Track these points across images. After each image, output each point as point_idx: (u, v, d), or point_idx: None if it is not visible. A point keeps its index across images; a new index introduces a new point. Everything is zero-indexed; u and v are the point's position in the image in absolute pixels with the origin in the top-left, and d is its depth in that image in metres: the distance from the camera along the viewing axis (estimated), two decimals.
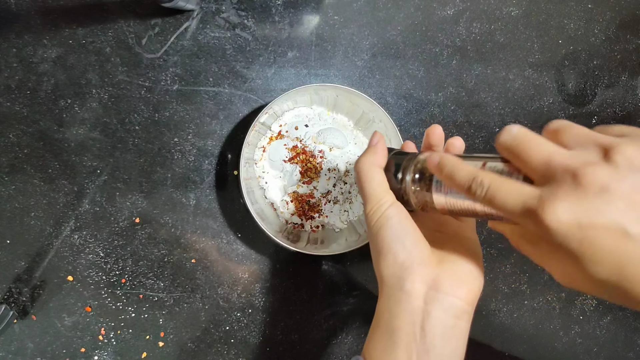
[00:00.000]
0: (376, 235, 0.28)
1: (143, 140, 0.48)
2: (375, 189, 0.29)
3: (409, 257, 0.27)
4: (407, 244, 0.27)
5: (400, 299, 0.26)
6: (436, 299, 0.26)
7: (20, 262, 0.47)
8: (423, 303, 0.26)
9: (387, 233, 0.28)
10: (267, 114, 0.46)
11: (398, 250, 0.27)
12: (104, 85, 0.48)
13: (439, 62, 0.52)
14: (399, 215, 0.28)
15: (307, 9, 0.50)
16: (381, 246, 0.28)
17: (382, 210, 0.28)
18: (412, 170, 0.29)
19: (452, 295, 0.26)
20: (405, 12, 0.52)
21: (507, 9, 0.53)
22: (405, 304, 0.26)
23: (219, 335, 0.49)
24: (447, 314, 0.26)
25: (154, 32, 0.48)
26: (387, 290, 0.27)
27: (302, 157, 0.48)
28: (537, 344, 0.53)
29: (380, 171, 0.30)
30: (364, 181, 0.30)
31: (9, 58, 0.47)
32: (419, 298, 0.26)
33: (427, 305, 0.26)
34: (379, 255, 0.28)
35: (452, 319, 0.26)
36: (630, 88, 0.55)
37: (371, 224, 0.29)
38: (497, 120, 0.53)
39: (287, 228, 0.49)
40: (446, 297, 0.26)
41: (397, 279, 0.27)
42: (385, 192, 0.29)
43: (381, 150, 0.31)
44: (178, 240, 0.49)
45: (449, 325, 0.26)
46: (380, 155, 0.31)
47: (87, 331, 0.47)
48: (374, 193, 0.29)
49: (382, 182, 0.30)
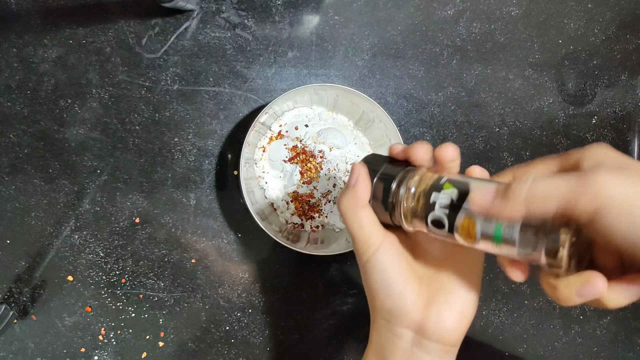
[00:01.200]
0: (364, 278, 0.29)
1: (143, 140, 0.48)
2: (360, 231, 0.28)
3: (395, 306, 0.28)
4: (393, 293, 0.28)
5: (390, 339, 0.28)
6: (421, 344, 0.27)
7: (20, 262, 0.47)
8: (410, 345, 0.28)
9: (374, 279, 0.28)
10: (267, 114, 0.46)
11: (384, 298, 0.28)
12: (104, 85, 0.48)
13: (439, 62, 0.52)
14: (384, 262, 0.28)
15: (307, 9, 0.50)
16: (369, 290, 0.29)
17: (369, 254, 0.28)
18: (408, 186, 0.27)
19: (435, 341, 0.27)
20: (405, 12, 0.52)
21: (507, 9, 0.53)
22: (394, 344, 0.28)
23: (219, 335, 0.49)
24: (431, 356, 0.28)
25: (154, 32, 0.48)
26: (379, 325, 0.29)
27: (302, 157, 0.48)
28: (537, 344, 0.53)
29: (364, 210, 0.28)
30: (347, 223, 0.29)
31: (10, 58, 0.47)
32: (406, 341, 0.28)
33: (413, 348, 0.28)
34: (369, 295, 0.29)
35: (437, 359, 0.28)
36: (630, 88, 0.55)
37: (360, 264, 0.29)
38: (497, 120, 0.53)
39: (287, 228, 0.49)
40: (430, 343, 0.27)
41: (386, 321, 0.28)
42: (371, 234, 0.28)
43: (361, 189, 0.28)
44: (178, 240, 0.49)
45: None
46: (361, 193, 0.28)
47: (87, 331, 0.47)
48: (359, 235, 0.28)
49: (367, 223, 0.28)
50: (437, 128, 0.53)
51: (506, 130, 0.53)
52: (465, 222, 0.25)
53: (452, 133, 0.53)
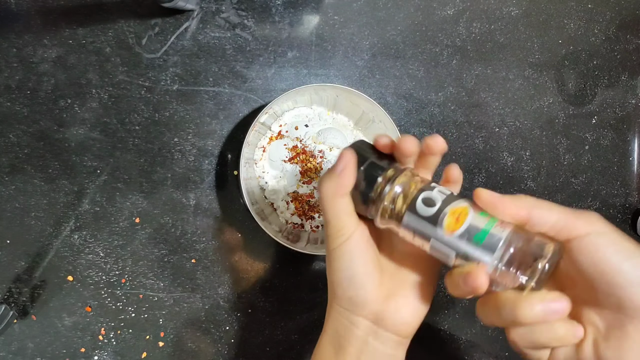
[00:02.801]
0: (330, 265, 0.29)
1: (143, 140, 0.48)
2: (335, 218, 0.28)
3: (356, 295, 0.28)
4: (356, 283, 0.28)
5: (347, 326, 0.29)
6: (377, 334, 0.29)
7: (20, 262, 0.47)
8: (366, 334, 0.29)
9: (340, 268, 0.28)
10: (267, 114, 0.46)
11: (347, 287, 0.28)
12: (104, 85, 0.48)
13: (439, 62, 0.52)
14: (352, 252, 0.28)
15: (307, 9, 0.50)
16: (334, 277, 0.29)
17: (339, 242, 0.28)
18: (392, 187, 0.27)
19: (391, 332, 0.28)
20: (405, 12, 0.52)
21: (507, 9, 0.53)
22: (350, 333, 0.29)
23: (219, 335, 0.49)
24: (385, 346, 0.29)
25: (154, 32, 0.48)
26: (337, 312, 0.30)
27: (302, 157, 0.48)
28: None
29: (343, 199, 0.28)
30: (324, 208, 0.28)
31: (9, 58, 0.47)
32: (363, 330, 0.29)
33: (368, 337, 0.29)
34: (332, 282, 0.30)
35: (390, 350, 0.29)
36: (630, 88, 0.55)
37: (329, 249, 0.29)
38: (497, 120, 0.53)
39: (287, 228, 0.49)
40: (385, 333, 0.28)
41: (345, 309, 0.29)
42: (345, 222, 0.28)
43: (346, 177, 0.28)
44: (178, 240, 0.49)
45: (386, 354, 0.29)
46: (346, 183, 0.28)
47: (87, 331, 0.47)
48: (333, 222, 0.28)
49: (344, 212, 0.28)
50: (437, 128, 0.53)
51: (506, 130, 0.53)
52: (458, 209, 0.25)
53: (452, 133, 0.53)
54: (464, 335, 0.53)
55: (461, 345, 0.52)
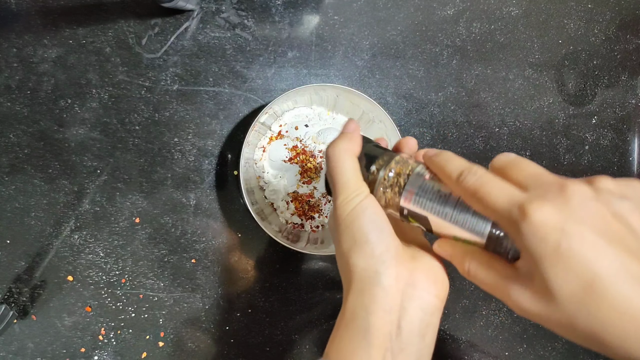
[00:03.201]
0: (351, 225, 0.26)
1: (143, 140, 0.48)
2: (351, 178, 0.27)
3: (387, 250, 0.26)
4: (385, 236, 0.26)
5: (377, 295, 0.25)
6: (413, 296, 0.25)
7: (20, 262, 0.47)
8: (400, 300, 0.25)
9: (365, 222, 0.26)
10: (267, 114, 0.46)
11: (375, 242, 0.26)
12: (104, 85, 0.48)
13: (439, 62, 0.52)
14: (375, 207, 0.27)
15: (307, 9, 0.50)
16: (356, 237, 0.26)
17: (359, 200, 0.27)
18: (389, 166, 0.28)
19: (428, 292, 0.26)
20: (405, 12, 0.52)
21: (507, 9, 0.53)
22: (382, 300, 0.25)
23: (219, 335, 0.49)
24: (423, 311, 0.25)
25: (154, 32, 0.48)
26: (360, 285, 0.26)
27: (302, 157, 0.48)
28: (537, 344, 0.53)
29: (355, 160, 0.28)
30: (337, 169, 0.27)
31: (9, 58, 0.47)
32: (396, 294, 0.25)
33: (404, 303, 0.25)
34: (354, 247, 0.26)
35: (428, 316, 0.26)
36: (630, 88, 0.55)
37: (344, 214, 0.27)
38: (497, 120, 0.53)
39: (287, 228, 0.49)
40: (423, 294, 0.25)
41: (373, 272, 0.25)
42: (361, 182, 0.27)
43: (356, 138, 0.29)
44: (178, 240, 0.49)
45: (425, 322, 0.25)
46: (356, 142, 0.28)
47: (87, 331, 0.47)
48: (349, 182, 0.27)
49: (357, 171, 0.28)
50: (437, 128, 0.53)
51: (506, 130, 0.53)
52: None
53: (452, 133, 0.53)
54: (464, 336, 0.53)
55: (461, 345, 0.52)
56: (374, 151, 0.29)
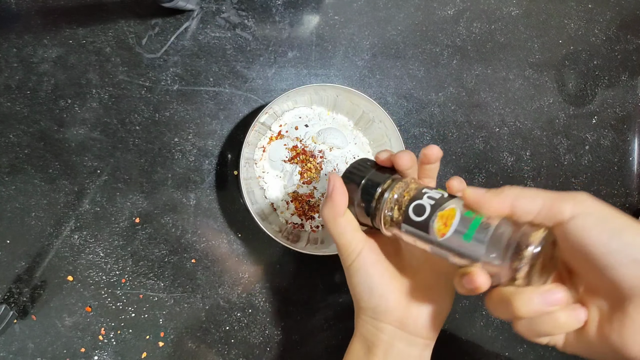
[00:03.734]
0: (349, 280, 0.32)
1: (143, 140, 0.48)
2: (341, 238, 0.30)
3: (378, 304, 0.30)
4: (375, 294, 0.30)
5: (374, 331, 0.31)
6: (402, 338, 0.30)
7: (20, 262, 0.47)
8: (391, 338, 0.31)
9: (357, 282, 0.30)
10: (267, 114, 0.46)
11: (368, 298, 0.31)
12: (104, 85, 0.48)
13: (439, 62, 0.52)
14: (366, 266, 0.30)
15: (307, 9, 0.50)
16: (354, 291, 0.31)
17: (352, 259, 0.30)
18: (391, 194, 0.29)
19: (415, 335, 0.30)
20: (405, 12, 0.52)
21: (507, 9, 0.53)
22: (377, 337, 0.31)
23: (219, 336, 0.49)
24: (411, 348, 0.31)
25: (154, 32, 0.48)
26: (363, 319, 0.32)
27: (302, 157, 0.48)
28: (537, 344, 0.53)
29: (343, 218, 0.30)
30: (330, 231, 0.31)
31: (9, 58, 0.47)
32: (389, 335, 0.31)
33: (394, 340, 0.30)
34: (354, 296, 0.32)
35: (417, 352, 0.31)
36: (630, 88, 0.55)
37: (344, 268, 0.31)
38: (497, 120, 0.53)
39: (287, 228, 0.49)
40: (410, 337, 0.30)
41: (370, 317, 0.31)
42: (352, 239, 0.30)
43: (337, 197, 0.30)
44: (178, 240, 0.49)
45: (413, 356, 0.31)
46: (338, 201, 0.30)
47: (87, 331, 0.47)
48: (341, 241, 0.30)
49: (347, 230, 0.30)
50: (437, 128, 0.53)
51: (506, 130, 0.53)
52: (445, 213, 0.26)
53: (452, 133, 0.53)
54: (464, 335, 0.53)
55: (461, 345, 0.52)
56: (378, 177, 0.30)
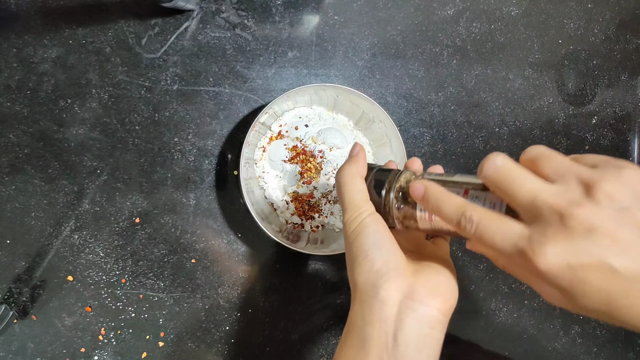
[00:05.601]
0: (353, 242, 0.28)
1: (143, 140, 0.48)
2: (355, 197, 0.29)
3: (385, 265, 0.27)
4: (384, 252, 0.27)
5: (374, 306, 0.26)
6: (411, 308, 0.26)
7: (20, 262, 0.47)
8: (397, 312, 0.26)
9: (365, 240, 0.28)
10: (267, 114, 0.46)
11: (375, 257, 0.27)
12: (104, 85, 0.48)
13: (439, 62, 0.52)
14: (377, 224, 0.28)
15: (307, 9, 0.50)
16: (358, 253, 0.28)
17: (361, 218, 0.28)
18: (396, 187, 0.29)
19: (427, 304, 0.26)
20: (405, 12, 0.52)
21: (507, 9, 0.53)
22: (379, 311, 0.26)
23: (219, 335, 0.49)
24: (421, 323, 0.26)
25: (154, 32, 0.48)
26: (361, 297, 0.27)
27: (302, 157, 0.48)
28: (537, 344, 0.53)
29: (361, 181, 0.30)
30: (344, 189, 0.30)
31: (9, 58, 0.47)
32: (393, 306, 0.26)
33: (400, 314, 0.26)
34: (355, 262, 0.28)
35: (426, 328, 0.26)
36: (630, 88, 0.55)
37: (349, 232, 0.29)
38: (497, 120, 0.53)
39: (287, 228, 0.49)
40: (421, 306, 0.26)
41: (372, 285, 0.27)
42: (365, 202, 0.29)
43: (362, 160, 0.31)
44: (178, 240, 0.49)
45: (423, 334, 0.26)
46: (362, 165, 0.31)
47: (87, 331, 0.47)
48: (354, 201, 0.29)
49: (362, 191, 0.30)
50: (437, 128, 0.53)
51: (506, 130, 0.53)
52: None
53: (452, 133, 0.53)
54: (464, 336, 0.53)
55: (461, 345, 0.52)
56: (382, 175, 0.31)
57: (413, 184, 0.27)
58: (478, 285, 0.53)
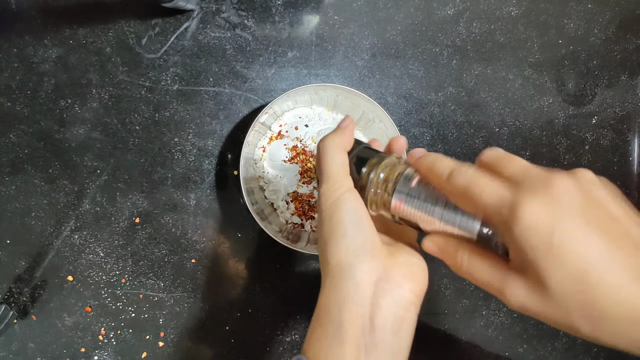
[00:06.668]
0: (329, 218, 0.26)
1: (143, 140, 0.48)
2: (336, 170, 0.27)
3: (362, 244, 0.25)
4: (363, 231, 0.26)
5: (349, 289, 0.25)
6: (386, 290, 0.25)
7: (20, 262, 0.47)
8: (372, 294, 0.25)
9: (343, 216, 0.26)
10: (267, 114, 0.46)
11: (353, 235, 0.26)
12: (105, 85, 0.48)
13: (439, 62, 0.52)
14: (355, 201, 0.27)
15: (307, 9, 0.50)
16: (334, 230, 0.26)
17: (340, 192, 0.27)
18: (379, 169, 0.28)
19: (401, 286, 0.25)
20: (405, 12, 0.52)
21: (507, 9, 0.53)
22: (354, 294, 0.25)
23: (219, 335, 0.49)
24: (397, 305, 0.25)
25: (154, 32, 0.48)
26: (334, 281, 0.26)
27: (302, 157, 0.48)
28: (537, 344, 0.53)
29: (344, 154, 0.28)
30: (325, 160, 0.28)
31: (10, 58, 0.47)
32: (369, 289, 0.25)
33: (376, 297, 0.25)
34: (331, 239, 0.26)
35: (402, 310, 0.25)
36: (630, 88, 0.55)
37: (325, 205, 0.27)
38: (497, 120, 0.53)
39: (287, 228, 0.49)
40: (396, 289, 0.25)
41: (348, 266, 0.25)
42: (346, 176, 0.28)
43: (350, 133, 0.29)
44: (178, 240, 0.49)
45: (399, 316, 0.25)
46: (348, 138, 0.29)
47: (87, 331, 0.47)
48: (334, 174, 0.27)
49: (344, 165, 0.28)
50: (437, 128, 0.53)
51: (506, 130, 0.53)
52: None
53: (452, 133, 0.53)
54: (464, 336, 0.53)
55: (461, 345, 0.52)
56: (366, 153, 0.29)
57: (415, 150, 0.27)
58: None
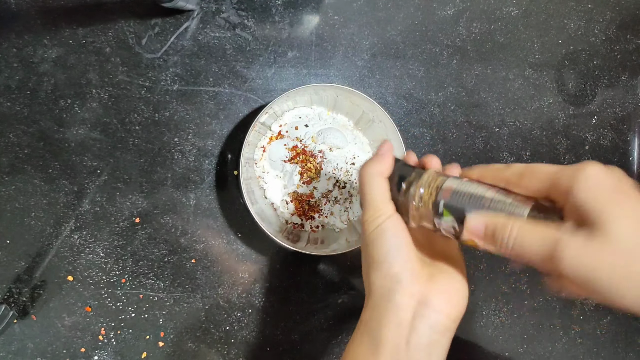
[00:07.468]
0: (371, 244, 0.29)
1: (143, 140, 0.48)
2: (376, 198, 0.29)
3: (401, 271, 0.27)
4: (401, 257, 0.28)
5: (389, 310, 0.27)
6: (423, 315, 0.27)
7: (20, 262, 0.47)
8: (411, 317, 0.27)
9: (383, 244, 0.28)
10: (267, 114, 0.46)
11: (392, 262, 0.28)
12: (104, 85, 0.48)
13: (439, 62, 0.52)
14: (396, 228, 0.28)
15: (307, 9, 0.50)
16: (375, 256, 0.28)
17: (381, 220, 0.28)
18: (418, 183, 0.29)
19: (439, 312, 0.27)
20: (405, 12, 0.52)
21: (507, 9, 0.53)
22: (393, 315, 0.27)
23: (219, 335, 0.49)
24: (432, 329, 0.27)
25: (154, 32, 0.48)
26: (376, 301, 0.28)
27: (302, 157, 0.48)
28: (537, 344, 0.53)
29: (385, 181, 0.30)
30: (366, 188, 0.30)
31: (9, 58, 0.47)
32: (407, 312, 0.27)
33: (414, 320, 0.27)
34: (372, 265, 0.28)
35: (437, 334, 0.27)
36: (630, 88, 0.55)
37: (367, 232, 0.29)
38: (497, 120, 0.53)
39: (287, 228, 0.49)
40: (433, 314, 0.27)
41: (387, 290, 0.27)
42: (386, 203, 0.29)
43: (388, 160, 0.30)
44: (178, 240, 0.49)
45: (433, 340, 0.27)
46: (387, 165, 0.30)
47: (87, 331, 0.47)
48: (375, 202, 0.29)
49: (384, 192, 0.29)
50: (437, 128, 0.53)
51: (506, 130, 0.53)
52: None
53: (452, 133, 0.53)
54: (464, 336, 0.53)
55: (461, 345, 0.52)
56: (404, 170, 0.30)
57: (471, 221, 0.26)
58: (478, 286, 0.53)
